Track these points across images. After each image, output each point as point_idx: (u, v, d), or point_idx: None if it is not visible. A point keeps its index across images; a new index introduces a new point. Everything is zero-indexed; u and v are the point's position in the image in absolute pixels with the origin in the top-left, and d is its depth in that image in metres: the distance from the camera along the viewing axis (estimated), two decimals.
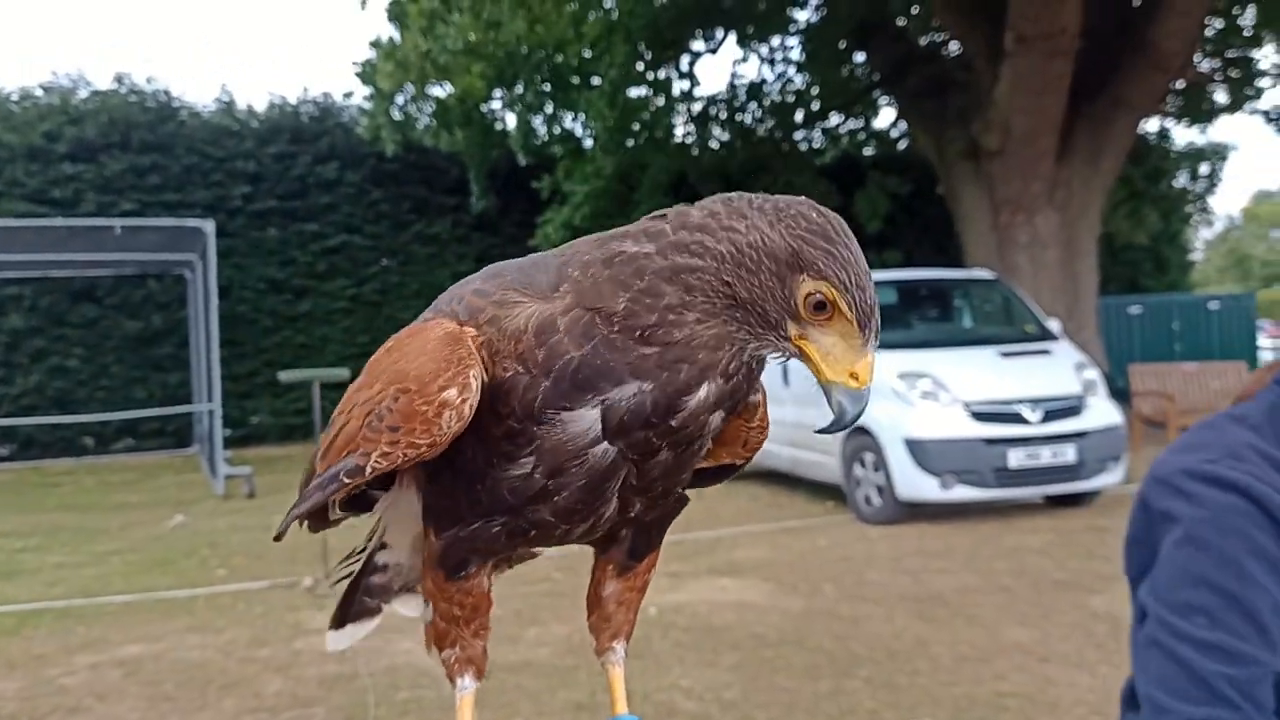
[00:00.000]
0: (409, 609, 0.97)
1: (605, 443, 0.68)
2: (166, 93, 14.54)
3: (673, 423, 0.68)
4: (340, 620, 0.97)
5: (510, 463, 0.70)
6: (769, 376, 0.75)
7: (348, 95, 15.35)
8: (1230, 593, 0.85)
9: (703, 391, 0.67)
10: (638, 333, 0.65)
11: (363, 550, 0.96)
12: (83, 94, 14.23)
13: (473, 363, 0.68)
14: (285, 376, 6.95)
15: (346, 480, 0.70)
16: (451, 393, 0.67)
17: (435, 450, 0.69)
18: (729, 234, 0.66)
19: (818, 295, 0.65)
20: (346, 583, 0.97)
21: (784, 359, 0.69)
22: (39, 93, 14.10)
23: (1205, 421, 1.03)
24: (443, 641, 0.81)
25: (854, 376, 0.67)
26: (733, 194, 0.70)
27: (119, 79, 14.36)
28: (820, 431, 0.74)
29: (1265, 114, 13.22)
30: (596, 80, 11.71)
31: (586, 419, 0.68)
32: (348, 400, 0.76)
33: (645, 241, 0.68)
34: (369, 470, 0.69)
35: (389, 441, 0.68)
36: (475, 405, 0.68)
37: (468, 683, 0.81)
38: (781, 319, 0.66)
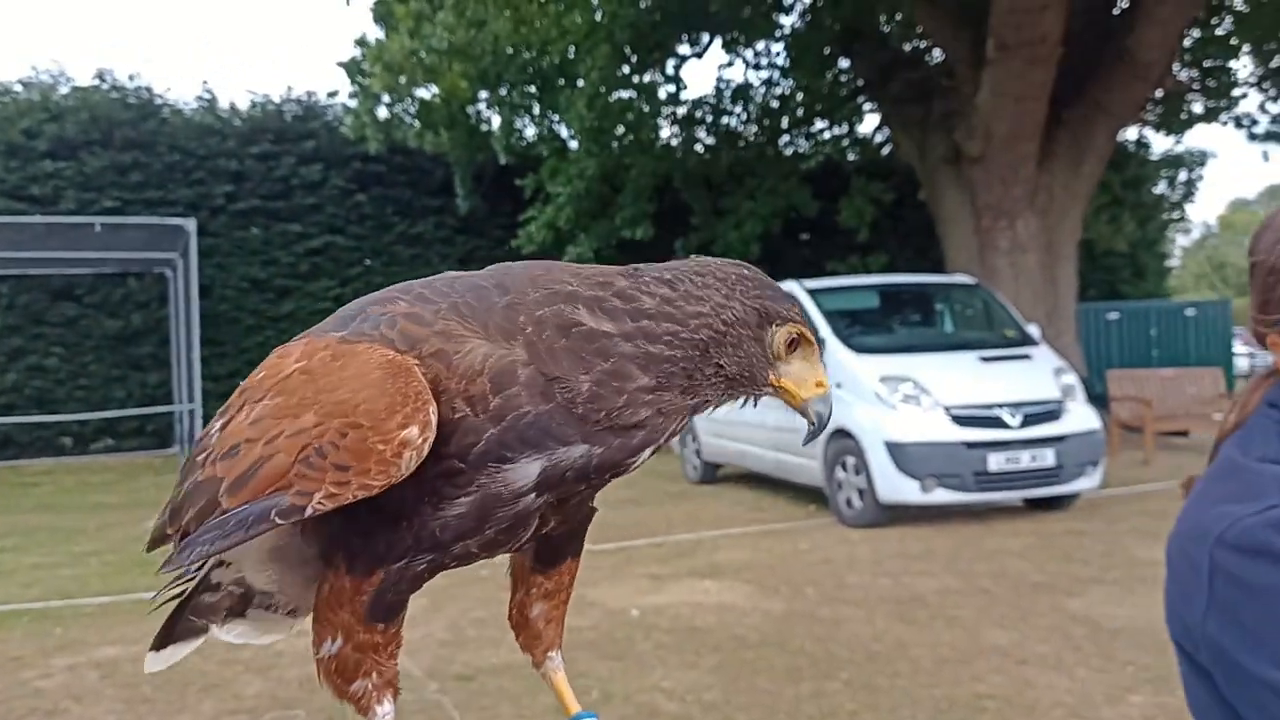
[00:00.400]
0: (234, 636, 0.92)
1: (534, 494, 0.70)
2: (149, 89, 14.42)
3: (611, 476, 0.72)
4: (163, 641, 0.91)
5: (445, 502, 0.69)
6: None
7: (332, 95, 15.28)
8: None
9: (649, 450, 0.72)
10: (602, 414, 0.68)
11: (200, 567, 0.89)
12: (63, 90, 14.08)
13: (429, 399, 0.66)
14: None
15: (279, 521, 0.66)
16: (413, 431, 0.65)
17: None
18: (703, 320, 0.70)
19: (792, 336, 0.73)
20: (175, 601, 0.91)
21: (756, 400, 0.75)
22: (18, 89, 13.94)
23: (1225, 468, 0.95)
24: (355, 672, 0.76)
25: (819, 385, 0.75)
26: (651, 267, 0.73)
27: (100, 75, 14.23)
28: (806, 442, 0.79)
29: (1237, 119, 13.42)
30: (580, 82, 11.72)
31: (527, 472, 0.69)
32: (257, 427, 0.69)
33: (603, 318, 0.69)
34: (309, 511, 0.65)
35: (336, 481, 0.65)
36: (431, 444, 0.66)
37: (388, 707, 0.77)
38: (760, 373, 0.73)
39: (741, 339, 0.71)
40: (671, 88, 13.48)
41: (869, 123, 15.82)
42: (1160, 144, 14.95)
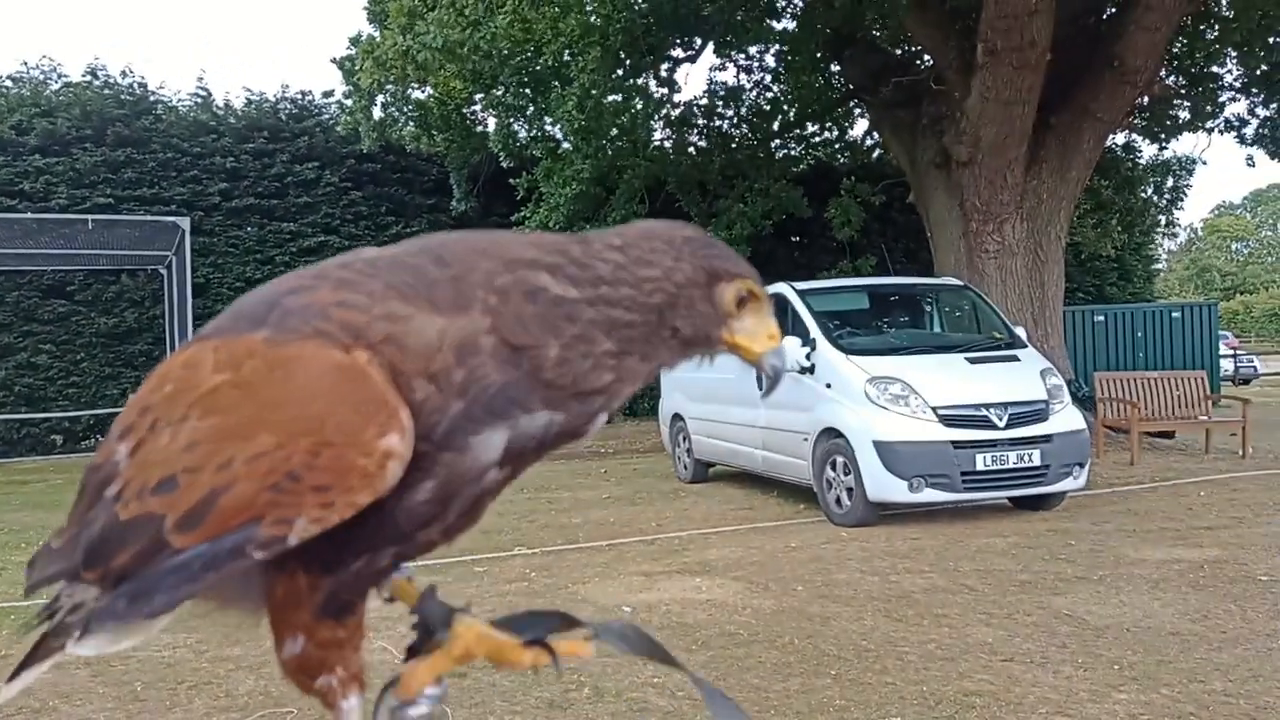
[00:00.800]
0: (88, 649, 0.82)
1: (497, 467, 0.69)
2: (143, 85, 14.37)
3: (566, 443, 0.71)
4: (19, 670, 0.84)
5: (408, 489, 0.66)
6: (743, 382, 0.82)
7: (327, 94, 15.27)
8: None
9: (604, 416, 0.71)
10: (569, 379, 0.67)
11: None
12: (55, 86, 14.02)
13: (398, 400, 0.63)
14: None
15: (258, 555, 0.62)
16: (393, 439, 0.62)
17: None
18: (655, 284, 0.69)
19: (742, 293, 0.73)
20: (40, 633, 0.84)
21: (712, 360, 0.75)
22: (8, 84, 13.87)
23: None
24: (319, 669, 0.73)
25: (771, 338, 0.75)
26: (599, 234, 0.73)
27: (93, 71, 14.17)
28: (765, 395, 0.81)
29: (1227, 123, 13.54)
30: (571, 83, 11.75)
31: (492, 444, 0.67)
32: (195, 453, 0.63)
33: (567, 284, 0.68)
34: (293, 540, 0.62)
35: (319, 504, 0.61)
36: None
37: (354, 701, 0.74)
38: (713, 332, 0.72)
39: (694, 299, 0.71)
40: (664, 90, 13.54)
41: (859, 127, 15.93)
42: (1149, 149, 15.06)
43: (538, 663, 0.79)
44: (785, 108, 14.72)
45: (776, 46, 14.07)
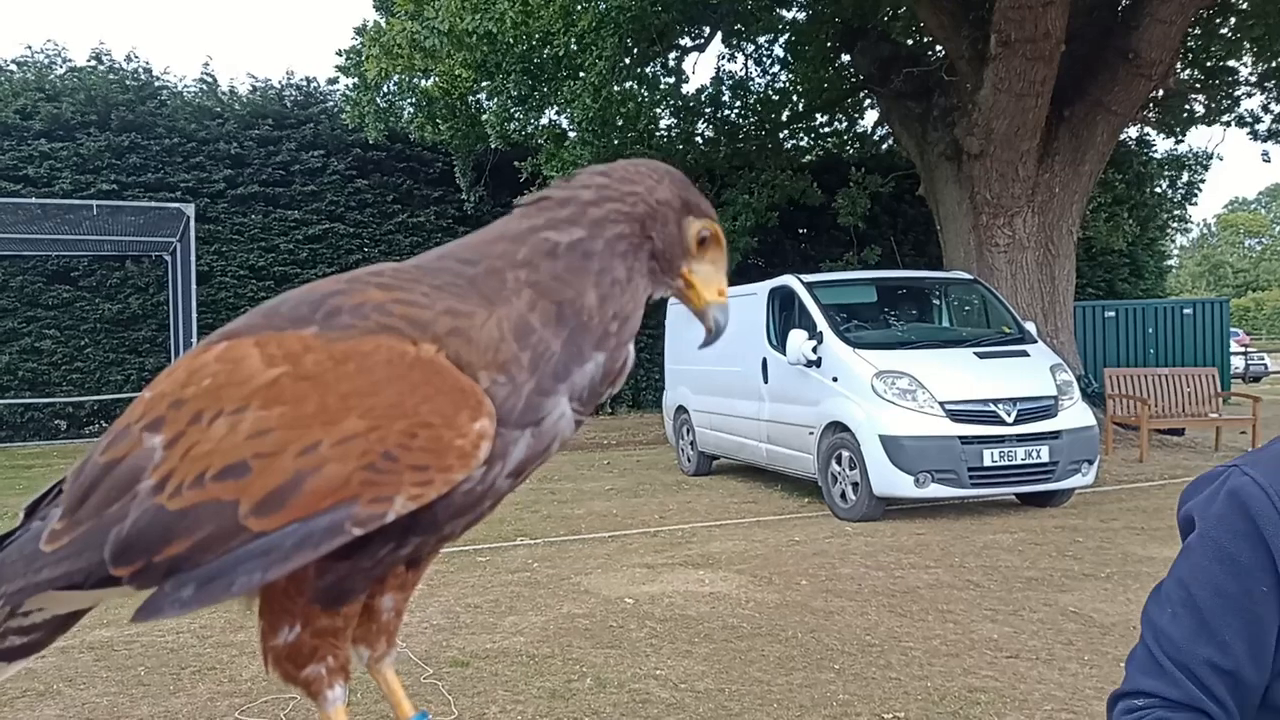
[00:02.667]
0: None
1: (565, 424, 0.71)
2: (148, 70, 14.33)
3: (610, 389, 0.74)
4: None
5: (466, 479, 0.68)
6: (749, 375, 0.82)
7: (332, 82, 15.21)
8: (1190, 594, 0.97)
9: (631, 347, 0.74)
10: (611, 314, 0.71)
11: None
12: (59, 70, 13.99)
13: (479, 388, 0.66)
14: None
15: (356, 532, 0.63)
16: (484, 422, 0.65)
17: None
18: (638, 197, 0.74)
19: (705, 231, 0.76)
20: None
21: (669, 295, 0.78)
22: (12, 68, 13.85)
23: None
24: (309, 658, 0.74)
25: (720, 293, 0.78)
26: (588, 171, 0.77)
27: (98, 56, 14.13)
28: (702, 346, 0.85)
29: (1241, 119, 13.41)
30: (582, 74, 11.68)
31: (561, 407, 0.70)
32: (267, 440, 0.64)
33: (569, 228, 0.71)
34: (391, 516, 0.63)
35: (417, 482, 0.63)
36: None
37: (339, 692, 0.75)
38: (676, 260, 0.76)
39: (668, 219, 0.74)
40: (672, 79, 13.45)
41: (869, 118, 15.82)
42: (1164, 144, 14.94)
43: None
44: (794, 98, 14.62)
45: (786, 36, 13.96)
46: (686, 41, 13.43)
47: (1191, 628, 0.96)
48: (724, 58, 14.81)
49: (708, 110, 14.30)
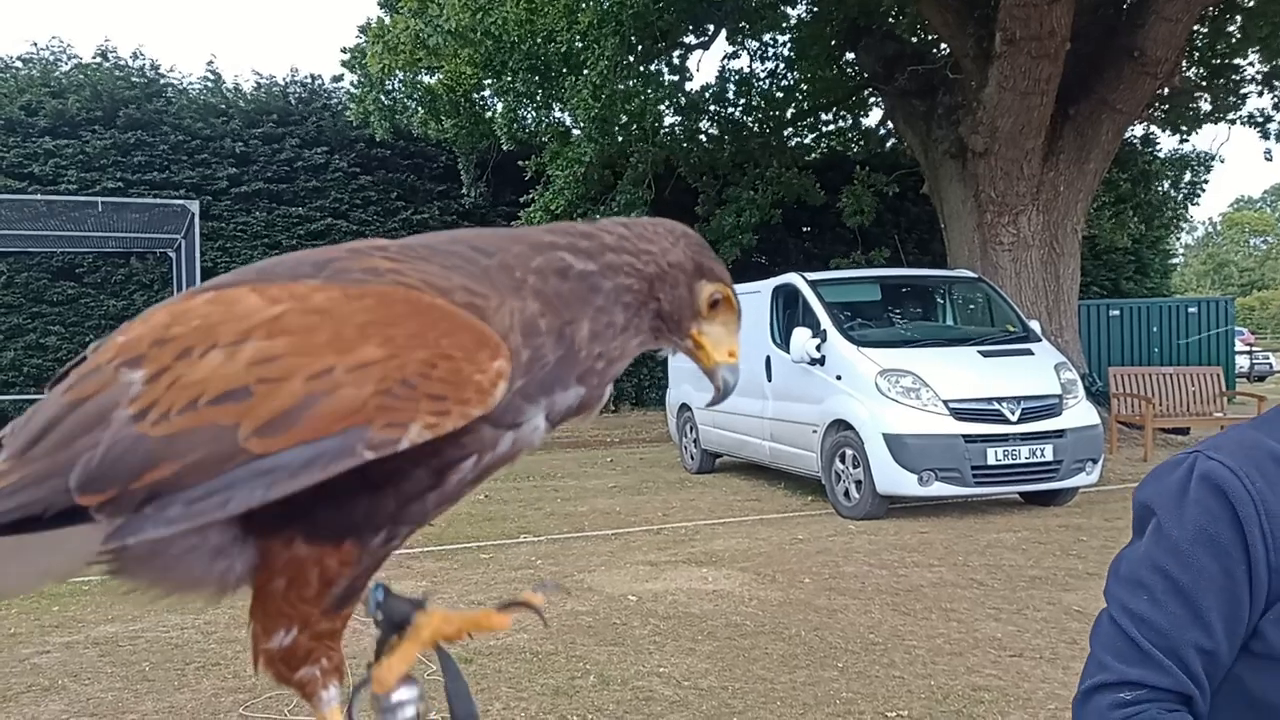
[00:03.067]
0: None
1: (536, 436, 0.72)
2: (153, 68, 14.34)
3: (582, 420, 0.75)
4: None
5: (450, 470, 0.67)
6: (752, 373, 0.83)
7: (337, 79, 15.22)
8: (1172, 578, 0.98)
9: (609, 390, 0.75)
10: (597, 353, 0.72)
11: None
12: (65, 67, 14.00)
13: (494, 333, 0.65)
14: None
15: (368, 455, 0.61)
16: (502, 364, 0.64)
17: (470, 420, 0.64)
18: (651, 257, 0.75)
19: (717, 295, 0.77)
20: None
21: (674, 353, 0.80)
22: (18, 64, 13.86)
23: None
24: (303, 661, 0.72)
25: (731, 355, 0.79)
26: (609, 220, 0.78)
27: (103, 53, 14.15)
28: (709, 405, 0.88)
29: (1250, 118, 13.35)
30: (585, 71, 11.68)
31: (536, 420, 0.71)
32: (273, 366, 0.61)
33: (585, 259, 0.72)
34: (404, 443, 0.62)
35: (433, 411, 0.62)
36: None
37: (334, 692, 0.74)
38: (685, 321, 0.77)
39: (679, 281, 0.76)
40: (676, 77, 13.43)
41: (873, 116, 15.78)
42: (1168, 142, 14.90)
43: (500, 625, 0.79)
44: (798, 96, 14.59)
45: (791, 33, 13.93)
46: (691, 39, 13.41)
47: (1179, 613, 0.97)
48: (728, 56, 14.79)
49: (712, 108, 14.27)
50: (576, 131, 12.49)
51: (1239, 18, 12.19)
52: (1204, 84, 13.13)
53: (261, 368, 0.62)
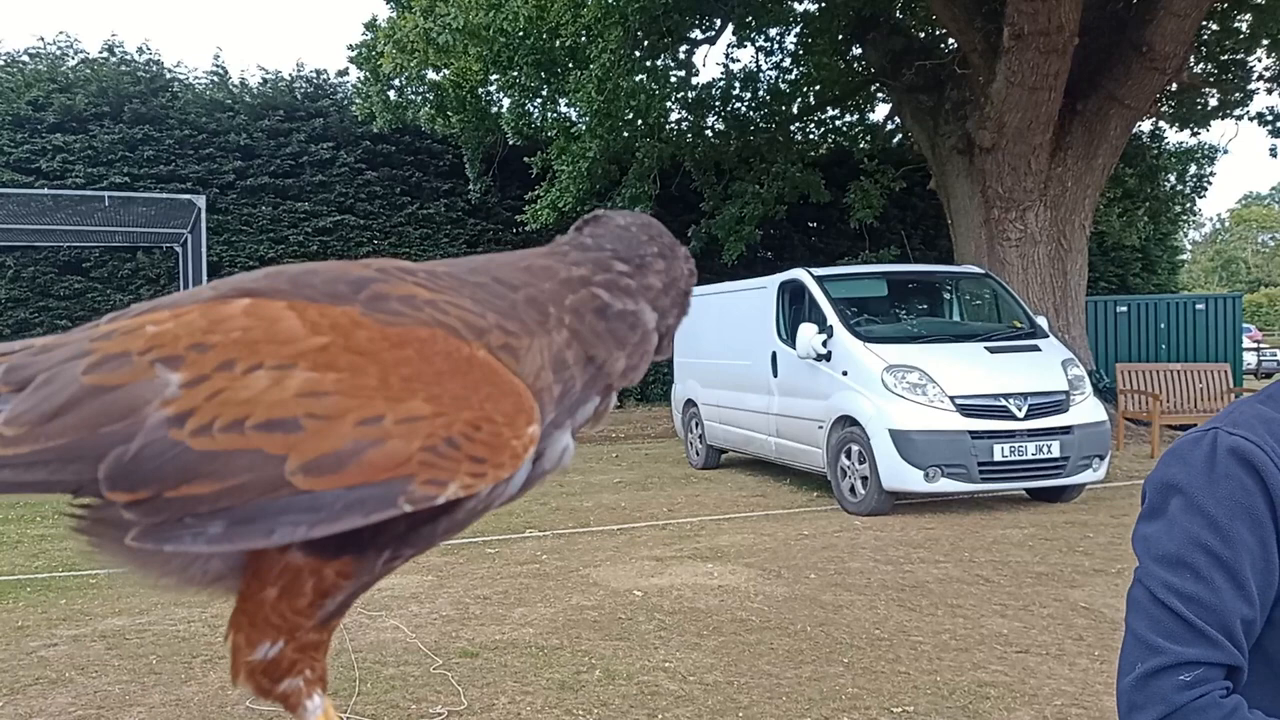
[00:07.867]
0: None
1: (567, 456, 0.75)
2: (159, 63, 14.36)
3: (591, 429, 0.78)
4: None
5: (464, 500, 0.67)
6: (758, 368, 0.86)
7: (342, 74, 15.22)
8: (1215, 553, 0.99)
9: (613, 399, 0.78)
10: (631, 378, 0.76)
11: None
12: (72, 62, 14.03)
13: (529, 393, 0.68)
14: None
15: (407, 508, 0.63)
16: (535, 429, 0.66)
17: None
18: (685, 281, 0.79)
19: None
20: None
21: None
22: (25, 59, 13.89)
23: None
24: (288, 672, 0.72)
25: None
26: (643, 250, 0.78)
27: (110, 48, 14.17)
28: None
29: (1260, 116, 13.27)
30: (590, 65, 11.67)
31: (564, 440, 0.73)
32: (323, 403, 0.62)
33: (625, 298, 0.74)
34: (442, 499, 0.64)
35: (472, 473, 0.64)
36: None
37: (318, 701, 0.74)
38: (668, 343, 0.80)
39: (680, 300, 0.80)
40: (682, 72, 13.40)
41: (880, 111, 15.73)
42: (1175, 137, 14.81)
43: None
44: (805, 90, 14.54)
45: (797, 28, 13.88)
46: (696, 34, 13.37)
47: (1225, 586, 0.98)
48: (733, 46, 14.73)
49: (717, 104, 14.24)
50: (581, 126, 12.47)
51: (1248, 14, 12.12)
52: (1212, 80, 13.05)
53: (310, 401, 0.62)
